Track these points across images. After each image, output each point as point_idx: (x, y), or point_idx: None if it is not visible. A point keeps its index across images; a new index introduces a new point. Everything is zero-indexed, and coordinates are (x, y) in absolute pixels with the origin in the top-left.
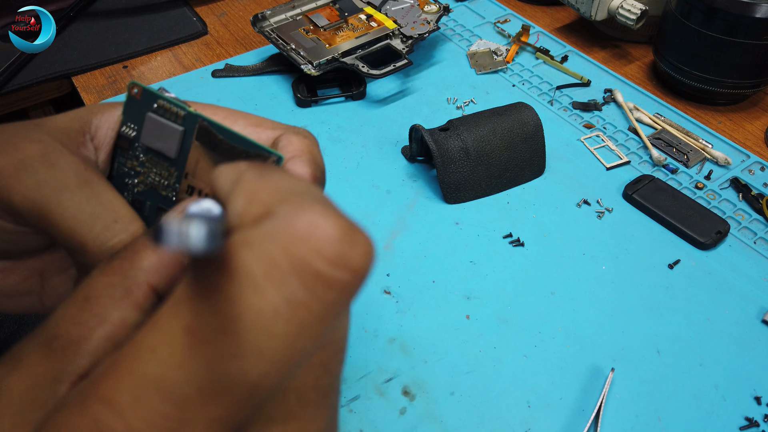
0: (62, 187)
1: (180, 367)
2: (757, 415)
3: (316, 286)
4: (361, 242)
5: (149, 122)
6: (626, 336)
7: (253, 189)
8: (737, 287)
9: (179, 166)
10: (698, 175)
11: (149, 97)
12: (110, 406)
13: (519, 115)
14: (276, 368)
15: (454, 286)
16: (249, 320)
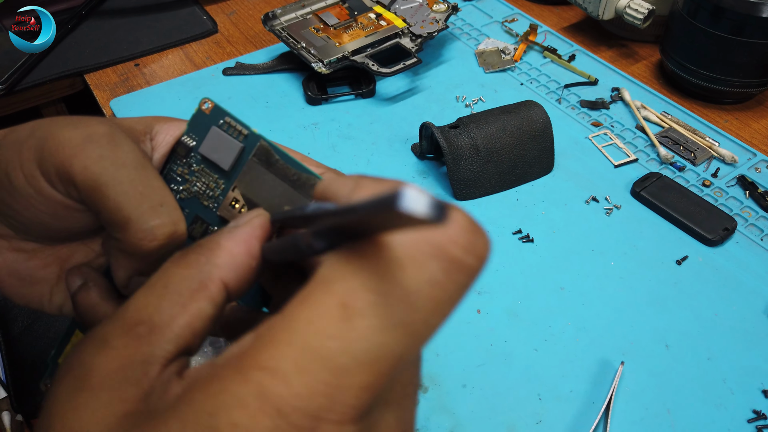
0: (120, 164)
1: (338, 338)
2: (765, 407)
3: (451, 269)
4: (483, 233)
5: (212, 134)
6: (635, 330)
7: (379, 189)
8: (744, 283)
9: (229, 179)
10: (705, 172)
11: (218, 113)
12: (274, 374)
13: (528, 113)
14: (415, 342)
15: None
16: (397, 295)
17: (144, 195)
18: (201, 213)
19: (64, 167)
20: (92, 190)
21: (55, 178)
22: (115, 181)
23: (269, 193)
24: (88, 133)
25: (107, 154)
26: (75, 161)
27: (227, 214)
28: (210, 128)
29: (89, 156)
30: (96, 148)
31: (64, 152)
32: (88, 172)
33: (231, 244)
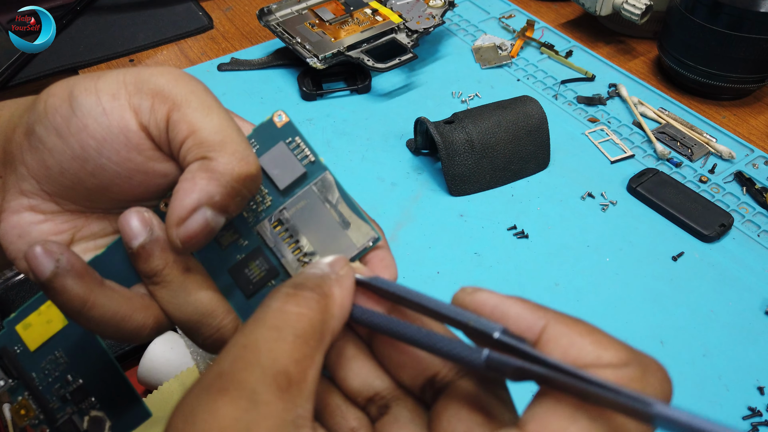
0: (218, 102)
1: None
2: (760, 404)
3: None
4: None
5: (278, 149)
6: (630, 327)
7: (594, 336)
8: (741, 279)
9: (279, 199)
10: (702, 168)
11: (290, 130)
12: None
13: (524, 108)
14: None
15: (458, 278)
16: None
17: (239, 130)
18: (236, 222)
19: (167, 87)
20: (194, 109)
21: (146, 97)
22: (218, 109)
23: (316, 226)
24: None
25: (206, 89)
26: (180, 85)
27: (264, 232)
28: (277, 142)
29: (194, 84)
30: (197, 82)
31: (167, 77)
32: (193, 95)
33: (342, 294)
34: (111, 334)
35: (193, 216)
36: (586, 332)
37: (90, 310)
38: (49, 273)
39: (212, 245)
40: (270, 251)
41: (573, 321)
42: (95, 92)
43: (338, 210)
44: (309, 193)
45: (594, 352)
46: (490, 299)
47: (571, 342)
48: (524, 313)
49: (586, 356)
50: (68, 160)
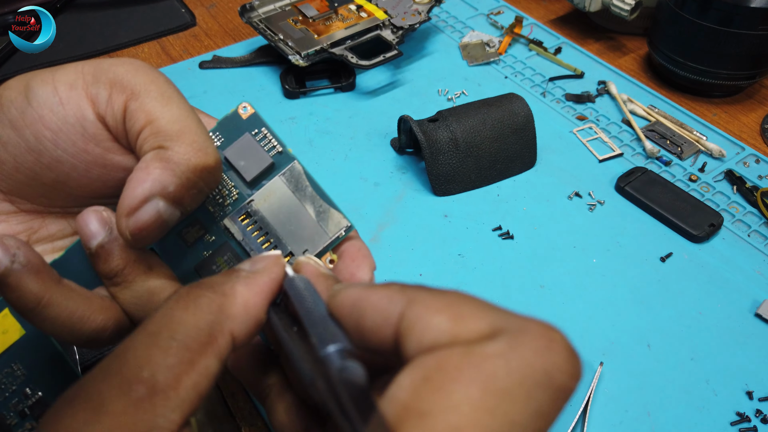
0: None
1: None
2: (749, 410)
3: (558, 398)
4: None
5: (244, 140)
6: (616, 330)
7: (453, 309)
8: (730, 280)
9: (246, 191)
10: (692, 167)
11: (256, 121)
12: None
13: (509, 106)
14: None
15: (441, 280)
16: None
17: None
18: (201, 217)
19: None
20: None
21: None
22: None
23: (286, 218)
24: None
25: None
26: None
27: (231, 226)
28: (243, 134)
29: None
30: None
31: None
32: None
33: (248, 294)
34: (67, 335)
35: (144, 207)
36: (444, 306)
37: (45, 308)
38: (3, 268)
39: (177, 242)
40: (239, 245)
41: (432, 297)
42: (52, 83)
43: (308, 200)
44: (277, 184)
45: (450, 330)
46: (350, 296)
47: (426, 325)
48: (381, 302)
49: (441, 336)
50: (23, 153)
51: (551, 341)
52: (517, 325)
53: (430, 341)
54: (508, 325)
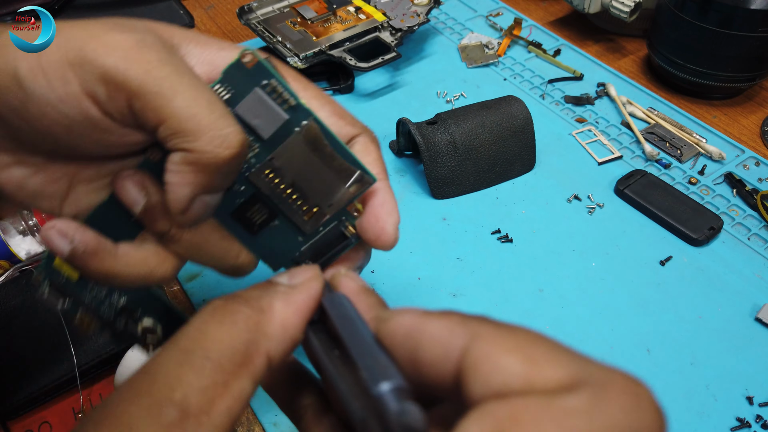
0: (182, 71)
1: None
2: (749, 415)
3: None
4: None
5: (254, 97)
6: (615, 334)
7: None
8: (730, 284)
9: (266, 149)
10: (692, 170)
11: (262, 72)
12: None
13: (508, 109)
14: None
15: (440, 283)
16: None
17: (212, 102)
18: None
19: (117, 71)
20: (155, 95)
21: (98, 83)
22: (182, 86)
23: (308, 174)
24: (140, 37)
25: (167, 59)
26: (132, 65)
27: (256, 180)
28: (252, 89)
29: (148, 60)
30: (153, 52)
31: (115, 55)
32: (149, 77)
33: (285, 312)
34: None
35: (192, 205)
36: (515, 346)
37: (113, 279)
38: (67, 253)
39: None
40: (267, 198)
41: (501, 334)
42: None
43: (328, 158)
44: (295, 141)
45: (524, 374)
46: (403, 324)
47: (495, 365)
48: (441, 333)
49: (513, 382)
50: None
51: (638, 397)
52: (600, 376)
53: (501, 385)
54: (589, 376)
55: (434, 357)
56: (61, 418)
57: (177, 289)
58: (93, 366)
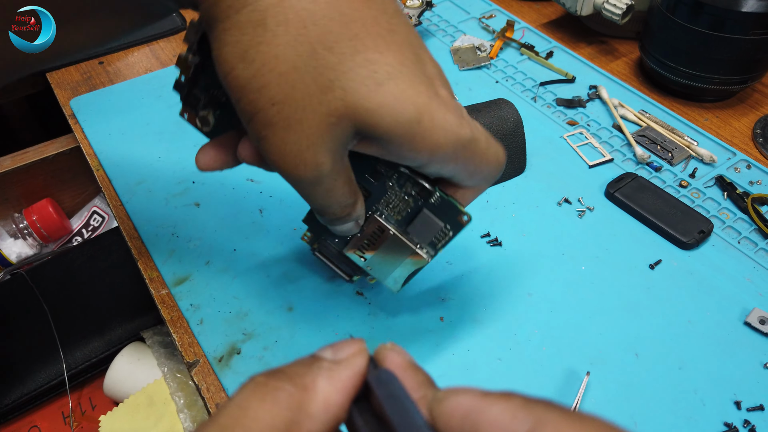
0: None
1: None
2: (737, 420)
3: None
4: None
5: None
6: (604, 338)
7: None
8: (720, 288)
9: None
10: (683, 173)
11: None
12: None
13: (499, 112)
14: None
15: (429, 287)
16: None
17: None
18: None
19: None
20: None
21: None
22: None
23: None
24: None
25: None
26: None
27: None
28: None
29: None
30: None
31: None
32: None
33: (329, 390)
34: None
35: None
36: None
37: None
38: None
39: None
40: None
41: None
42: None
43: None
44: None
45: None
46: (462, 404)
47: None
48: (503, 418)
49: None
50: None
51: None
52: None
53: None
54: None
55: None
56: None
57: (165, 294)
58: (82, 370)
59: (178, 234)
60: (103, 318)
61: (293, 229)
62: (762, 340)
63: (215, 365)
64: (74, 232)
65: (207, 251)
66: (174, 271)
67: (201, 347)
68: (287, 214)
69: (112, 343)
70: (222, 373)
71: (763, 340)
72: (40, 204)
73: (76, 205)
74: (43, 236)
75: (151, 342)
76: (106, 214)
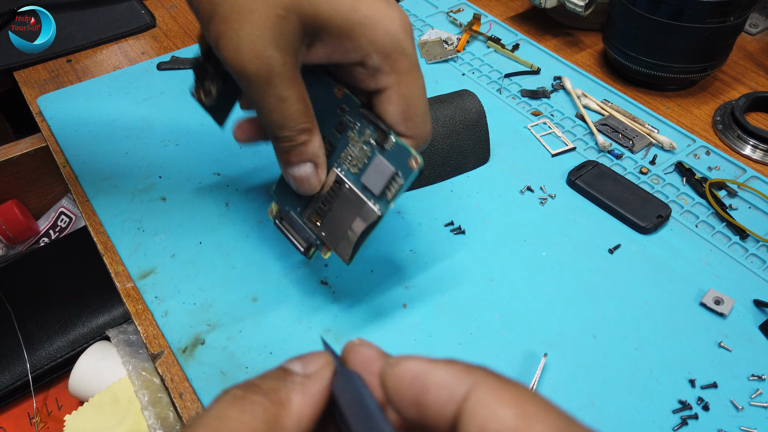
0: None
1: None
2: (691, 397)
3: None
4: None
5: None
6: (563, 321)
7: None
8: (677, 271)
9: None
10: (643, 160)
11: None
12: None
13: (461, 103)
14: None
15: (392, 276)
16: None
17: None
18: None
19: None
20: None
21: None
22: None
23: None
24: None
25: None
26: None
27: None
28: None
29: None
30: None
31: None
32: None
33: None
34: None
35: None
36: (513, 400)
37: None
38: None
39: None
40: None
41: (501, 386)
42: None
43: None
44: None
45: (515, 427)
46: (410, 368)
47: (492, 414)
48: (447, 379)
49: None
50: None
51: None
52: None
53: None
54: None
55: (440, 399)
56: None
57: (130, 287)
58: (47, 370)
59: (143, 228)
60: (68, 318)
61: (259, 221)
62: (717, 320)
63: (179, 356)
64: (41, 233)
65: (172, 245)
66: (139, 264)
67: (165, 338)
68: (253, 207)
69: (78, 343)
70: (186, 363)
71: (718, 320)
72: (5, 205)
73: (43, 206)
74: (9, 238)
75: (116, 341)
76: (73, 214)
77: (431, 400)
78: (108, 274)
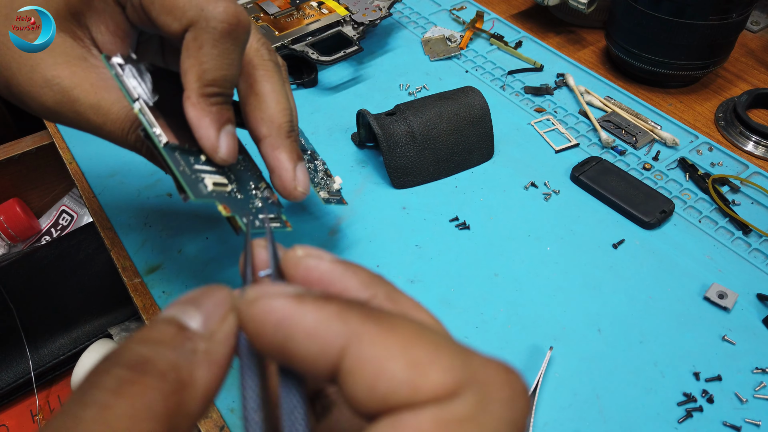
0: None
1: None
2: (695, 390)
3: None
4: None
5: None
6: (568, 315)
7: (408, 353)
8: (680, 265)
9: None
10: (646, 156)
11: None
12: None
13: (466, 99)
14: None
15: (398, 270)
16: None
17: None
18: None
19: None
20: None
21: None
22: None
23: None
24: None
25: None
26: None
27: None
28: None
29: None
30: None
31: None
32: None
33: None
34: None
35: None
36: (398, 350)
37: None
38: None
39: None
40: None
41: (382, 333)
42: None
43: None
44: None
45: (409, 381)
46: (272, 312)
47: (379, 372)
48: (317, 329)
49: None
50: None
51: (514, 391)
52: (480, 375)
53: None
54: (471, 376)
55: (309, 354)
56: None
57: (138, 282)
58: (49, 368)
59: (150, 224)
60: (70, 316)
61: None
62: (720, 313)
63: None
64: (43, 231)
65: (179, 240)
66: (146, 260)
67: None
68: None
69: (80, 341)
70: None
71: (722, 314)
72: (7, 204)
73: (45, 204)
74: (10, 236)
75: (118, 339)
76: (75, 212)
77: (300, 355)
78: (110, 272)
